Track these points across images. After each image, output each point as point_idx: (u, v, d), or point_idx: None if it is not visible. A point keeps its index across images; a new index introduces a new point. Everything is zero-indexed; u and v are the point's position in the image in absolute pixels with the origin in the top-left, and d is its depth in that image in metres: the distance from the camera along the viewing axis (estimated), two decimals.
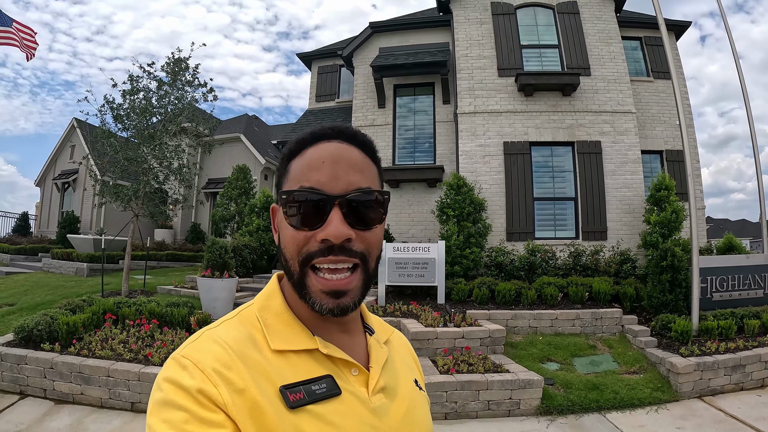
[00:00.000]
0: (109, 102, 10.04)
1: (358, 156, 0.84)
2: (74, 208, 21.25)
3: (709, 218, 13.10)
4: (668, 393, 6.33)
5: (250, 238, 13.11)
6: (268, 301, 0.87)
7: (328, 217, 0.78)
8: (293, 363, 0.78)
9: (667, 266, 8.28)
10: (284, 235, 0.82)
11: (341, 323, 0.88)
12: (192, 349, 0.75)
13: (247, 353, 0.75)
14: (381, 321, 1.05)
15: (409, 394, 0.92)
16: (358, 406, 0.79)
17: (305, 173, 0.81)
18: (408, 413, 0.87)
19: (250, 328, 0.81)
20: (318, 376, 0.78)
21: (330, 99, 15.01)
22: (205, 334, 0.79)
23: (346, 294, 0.79)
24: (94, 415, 5.48)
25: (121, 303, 7.55)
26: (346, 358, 0.83)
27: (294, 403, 0.73)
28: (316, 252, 0.78)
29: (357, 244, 0.80)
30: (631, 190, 11.13)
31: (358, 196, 0.80)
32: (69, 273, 13.55)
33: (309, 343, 0.81)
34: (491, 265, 10.31)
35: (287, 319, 0.83)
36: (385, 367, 0.90)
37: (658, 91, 12.60)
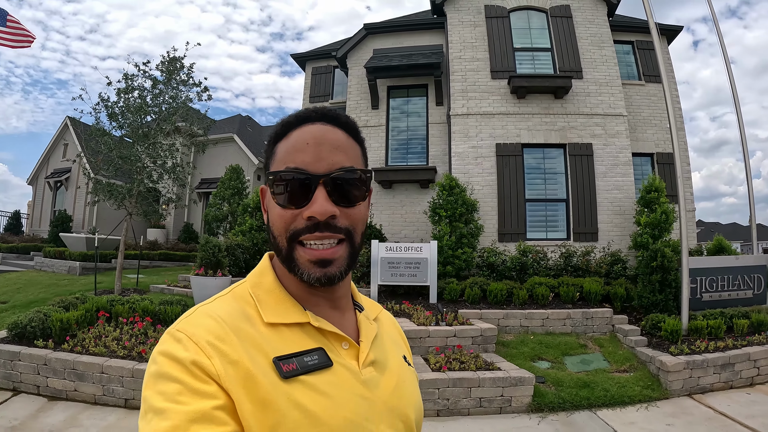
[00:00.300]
0: (104, 100, 10.03)
1: (342, 137, 0.87)
2: (67, 206, 21.23)
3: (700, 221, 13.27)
4: (658, 391, 6.39)
5: (243, 238, 13.09)
6: (260, 278, 0.90)
7: (313, 196, 0.81)
8: (285, 336, 0.81)
9: (657, 267, 8.37)
10: (272, 214, 0.86)
11: (331, 299, 0.91)
12: (186, 323, 0.78)
13: (241, 327, 0.78)
14: (370, 300, 1.08)
15: (398, 368, 0.95)
16: (349, 377, 0.82)
17: (291, 154, 0.84)
18: (398, 387, 0.90)
19: (242, 303, 0.84)
20: (309, 348, 0.81)
21: (324, 100, 15.03)
22: (199, 309, 0.81)
23: (332, 263, 0.82)
24: (88, 411, 5.46)
25: (115, 301, 7.52)
26: (337, 332, 0.86)
27: (287, 374, 0.75)
28: (303, 229, 0.82)
29: (342, 221, 0.83)
30: (622, 192, 11.23)
31: (341, 174, 0.83)
32: (61, 272, 13.50)
33: (300, 316, 0.84)
34: (483, 265, 10.36)
35: (279, 295, 0.87)
36: (375, 342, 0.93)
37: (650, 95, 12.72)
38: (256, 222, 13.89)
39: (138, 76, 10.28)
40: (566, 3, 12.44)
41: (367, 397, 0.82)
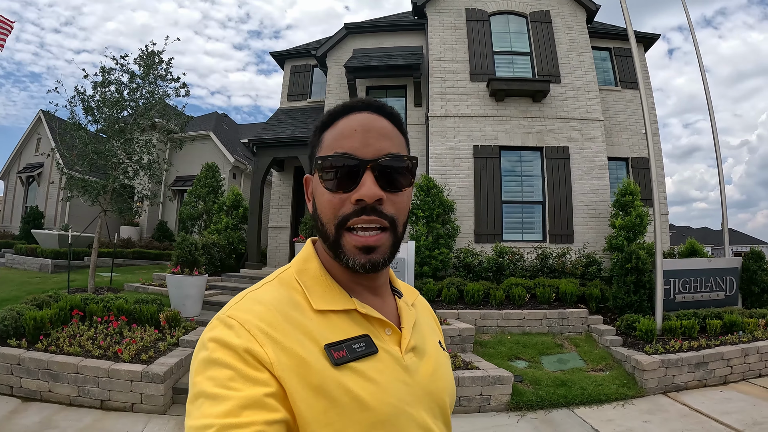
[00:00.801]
0: (80, 93, 9.82)
1: (387, 125, 0.89)
2: (39, 202, 20.81)
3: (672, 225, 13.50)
4: (634, 389, 6.47)
5: (218, 237, 12.96)
6: (306, 264, 0.91)
7: (361, 180, 0.83)
8: (333, 323, 0.83)
9: (631, 268, 8.48)
10: (320, 201, 0.87)
11: (373, 287, 0.93)
12: (237, 309, 0.79)
13: (290, 313, 0.80)
14: (407, 285, 1.10)
15: (435, 353, 0.97)
16: (393, 363, 0.84)
17: (339, 141, 0.86)
18: (435, 371, 0.92)
19: (290, 289, 0.86)
20: (357, 336, 0.83)
21: (302, 99, 14.94)
22: (248, 295, 0.83)
23: (376, 250, 0.83)
24: (64, 412, 5.31)
25: (89, 299, 7.34)
26: (382, 318, 0.88)
27: (338, 360, 0.77)
28: (351, 213, 0.83)
29: (387, 207, 0.84)
30: (598, 195, 11.37)
31: (388, 160, 0.85)
32: (33, 269, 13.24)
33: (347, 303, 0.86)
34: (460, 266, 10.39)
35: (325, 281, 0.88)
36: (415, 328, 0.95)
37: (626, 101, 12.92)
38: (232, 221, 13.77)
39: (115, 69, 10.09)
40: (546, 9, 12.58)
41: (408, 383, 0.85)
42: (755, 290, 9.03)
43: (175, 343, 6.65)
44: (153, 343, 6.47)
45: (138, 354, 5.98)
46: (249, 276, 11.32)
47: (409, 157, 0.89)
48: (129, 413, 5.40)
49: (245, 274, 11.59)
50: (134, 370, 5.51)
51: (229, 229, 13.60)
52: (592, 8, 12.57)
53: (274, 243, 14.17)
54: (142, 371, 5.51)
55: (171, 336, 6.77)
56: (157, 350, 6.23)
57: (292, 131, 13.23)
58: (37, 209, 19.30)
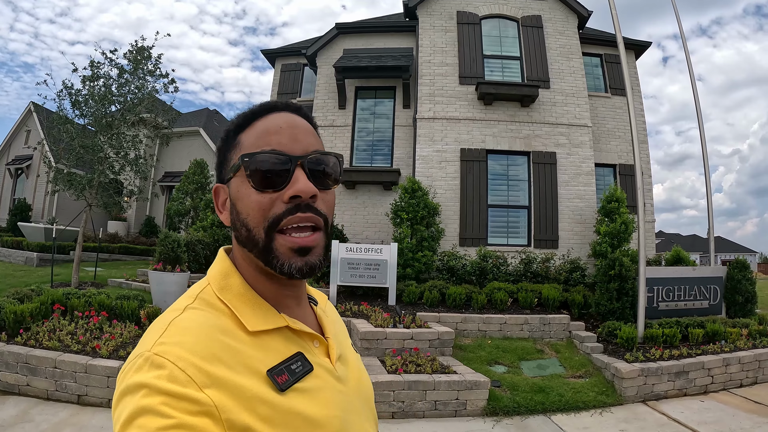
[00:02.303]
0: (68, 87, 9.73)
1: (309, 125, 0.86)
2: (26, 195, 20.70)
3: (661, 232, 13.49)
4: (613, 397, 6.41)
5: (204, 234, 12.82)
6: (226, 280, 0.82)
7: (293, 176, 0.78)
8: (266, 344, 0.77)
9: (615, 275, 8.45)
10: (246, 204, 0.80)
11: (297, 296, 0.88)
12: (164, 343, 0.68)
13: (223, 340, 0.71)
14: (315, 290, 1.03)
15: (354, 358, 0.96)
16: (328, 377, 0.81)
17: (263, 138, 0.81)
18: (359, 377, 0.93)
19: (216, 311, 0.77)
20: (291, 355, 0.78)
21: (292, 97, 14.80)
22: (172, 323, 0.72)
23: (311, 251, 0.79)
24: (41, 406, 5.29)
25: (71, 294, 7.33)
26: (311, 332, 0.84)
27: (283, 386, 0.72)
28: (284, 212, 0.77)
29: (320, 205, 0.80)
30: (584, 201, 11.34)
31: (318, 157, 0.81)
32: (18, 262, 13.15)
33: (278, 320, 0.80)
34: (443, 268, 10.32)
35: (251, 299, 0.81)
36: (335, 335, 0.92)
37: (615, 107, 12.92)
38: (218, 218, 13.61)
39: (104, 64, 10.00)
40: (537, 13, 12.57)
41: (344, 392, 0.83)
42: (739, 299, 9.01)
43: None
44: (132, 339, 6.44)
45: (117, 350, 5.99)
46: None
47: (336, 154, 0.85)
48: (105, 409, 5.38)
49: None
50: (112, 365, 5.50)
51: (215, 227, 13.46)
52: (584, 14, 12.57)
53: None
54: (119, 367, 5.39)
55: None
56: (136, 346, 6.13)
57: None
58: (25, 202, 19.22)
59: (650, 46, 13.85)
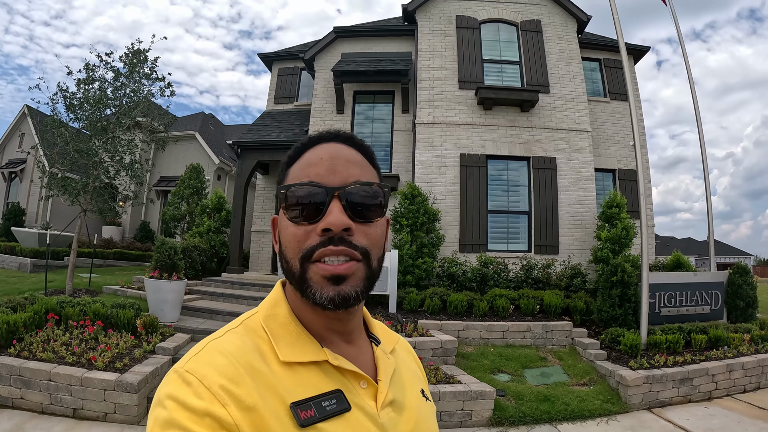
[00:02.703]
0: (63, 90, 9.63)
1: (356, 154, 0.84)
2: (20, 199, 20.48)
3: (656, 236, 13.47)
4: (618, 405, 6.40)
5: (200, 240, 12.77)
6: (274, 309, 0.84)
7: (328, 209, 0.76)
8: (301, 376, 0.76)
9: (617, 281, 8.42)
10: (284, 236, 0.81)
11: (345, 333, 0.85)
12: (196, 362, 0.71)
13: (255, 365, 0.73)
14: (385, 328, 1.02)
15: (417, 406, 0.89)
16: (366, 422, 0.77)
17: (303, 170, 0.81)
18: (416, 427, 0.85)
19: (255, 338, 0.78)
20: (328, 391, 0.76)
21: (289, 102, 14.78)
22: (209, 344, 0.75)
23: (346, 280, 0.76)
24: (35, 420, 5.18)
25: (65, 302, 7.17)
26: (356, 371, 0.81)
27: (305, 422, 0.70)
28: (317, 245, 0.76)
29: (358, 238, 0.77)
30: (584, 207, 11.33)
31: (356, 188, 0.79)
32: (12, 268, 13.04)
33: (318, 354, 0.79)
34: (443, 275, 10.27)
35: (294, 330, 0.81)
36: (393, 378, 0.88)
37: (614, 112, 12.93)
38: (214, 224, 13.59)
39: (99, 67, 9.91)
40: (537, 18, 12.57)
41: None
42: (740, 304, 9.03)
43: (151, 350, 6.50)
44: (129, 350, 6.32)
45: (113, 361, 5.84)
46: (230, 281, 11.13)
47: (380, 184, 0.82)
48: (102, 423, 5.27)
49: (226, 279, 11.40)
50: (108, 378, 5.38)
51: (212, 232, 13.42)
52: (583, 19, 12.58)
53: (257, 247, 13.99)
54: (115, 380, 5.36)
55: (147, 343, 6.62)
56: (133, 358, 6.07)
57: (277, 134, 13.09)
58: (19, 206, 19.03)
59: (649, 50, 13.88)
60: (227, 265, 12.74)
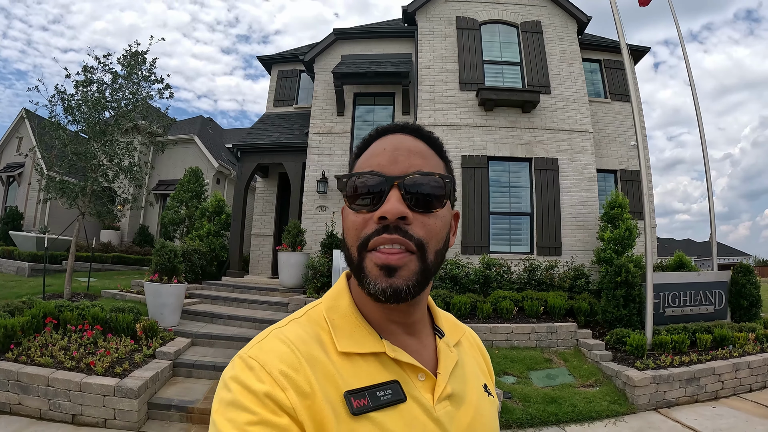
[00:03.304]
0: (61, 92, 9.57)
1: (422, 145, 0.85)
2: (18, 203, 20.41)
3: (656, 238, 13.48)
4: (625, 405, 6.34)
5: (200, 243, 12.70)
6: (336, 300, 0.86)
7: (386, 197, 0.77)
8: (359, 366, 0.78)
9: (621, 282, 8.37)
10: (345, 224, 0.82)
11: (407, 324, 0.86)
12: (259, 349, 0.75)
13: (314, 354, 0.75)
14: (453, 320, 1.02)
15: (477, 401, 0.89)
16: (421, 414, 0.77)
17: (367, 161, 0.83)
18: (473, 422, 0.85)
19: (317, 328, 0.81)
20: (384, 382, 0.77)
21: (288, 104, 14.72)
22: (272, 333, 0.79)
23: (397, 271, 0.75)
24: (33, 427, 5.10)
25: (63, 306, 7.07)
26: (414, 363, 0.81)
27: (357, 410, 0.72)
28: (373, 233, 0.77)
29: (415, 229, 0.77)
30: (586, 207, 11.29)
31: (416, 177, 0.79)
32: (9, 272, 12.95)
33: (376, 345, 0.80)
34: (446, 277, 10.20)
35: (354, 320, 0.83)
36: (454, 372, 0.88)
37: (615, 113, 12.90)
38: (214, 227, 13.53)
39: (98, 69, 9.85)
40: (537, 19, 12.55)
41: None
42: (744, 304, 8.99)
43: (151, 355, 6.42)
44: (128, 354, 6.24)
45: (112, 366, 5.76)
46: (230, 284, 11.06)
47: (442, 175, 0.81)
48: (101, 429, 5.21)
49: (227, 282, 11.33)
50: (107, 384, 5.31)
51: (211, 236, 13.36)
52: (583, 20, 12.56)
53: (257, 251, 13.91)
54: (115, 385, 5.29)
55: (147, 347, 6.54)
56: (133, 362, 6.00)
57: (277, 137, 13.04)
58: (17, 210, 18.94)
59: (648, 51, 13.86)
60: (227, 269, 12.68)
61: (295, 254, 10.64)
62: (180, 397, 5.81)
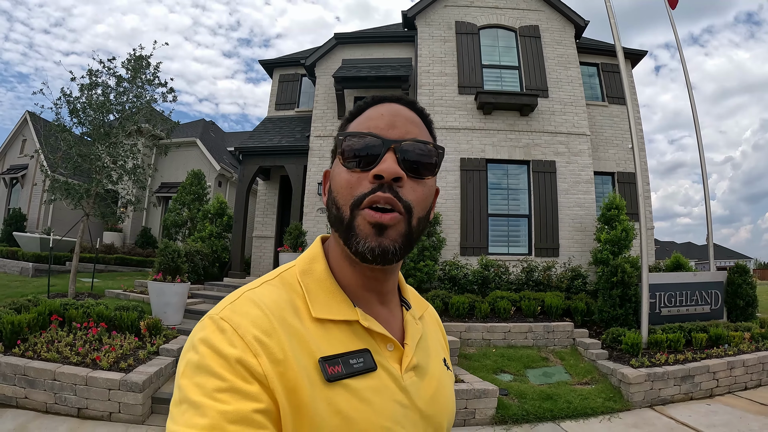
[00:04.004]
0: (66, 95, 9.71)
1: (416, 116, 0.87)
2: (22, 205, 20.52)
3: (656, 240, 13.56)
4: (620, 403, 6.43)
5: (202, 244, 12.82)
6: (311, 264, 0.86)
7: (382, 158, 0.79)
8: (332, 334, 0.77)
9: (617, 282, 8.48)
10: (337, 182, 0.83)
11: (381, 293, 0.87)
12: (231, 310, 0.73)
13: (287, 319, 0.74)
14: (417, 294, 1.04)
15: (438, 373, 0.91)
16: (390, 383, 0.79)
17: (363, 123, 0.84)
18: (436, 393, 0.87)
19: (291, 292, 0.80)
20: (356, 350, 0.78)
21: (290, 108, 14.86)
22: (245, 294, 0.77)
23: (387, 230, 0.77)
24: (40, 420, 5.17)
25: (68, 305, 7.16)
26: (384, 333, 0.82)
27: (332, 377, 0.72)
28: (368, 191, 0.78)
29: (406, 192, 0.79)
30: (584, 209, 11.40)
31: (412, 144, 0.81)
32: (14, 272, 13.03)
33: (350, 314, 0.80)
34: (445, 278, 10.32)
35: (329, 287, 0.82)
36: (419, 344, 0.89)
37: (612, 116, 13.01)
38: (216, 229, 13.65)
39: (102, 72, 9.99)
40: (535, 23, 12.68)
41: (405, 404, 0.80)
42: (740, 303, 9.08)
43: (155, 352, 6.52)
44: (133, 351, 6.33)
45: (117, 362, 5.84)
46: (232, 285, 11.18)
47: (436, 145, 0.85)
48: (106, 422, 5.27)
49: (228, 283, 11.45)
50: (112, 378, 5.38)
51: (213, 237, 13.48)
52: (580, 24, 12.70)
53: (258, 252, 14.03)
54: (120, 380, 5.38)
55: (151, 344, 6.64)
56: (137, 358, 6.09)
57: (278, 140, 13.17)
58: (20, 211, 19.07)
59: (646, 54, 13.97)
60: (229, 270, 12.80)
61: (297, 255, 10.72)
62: None
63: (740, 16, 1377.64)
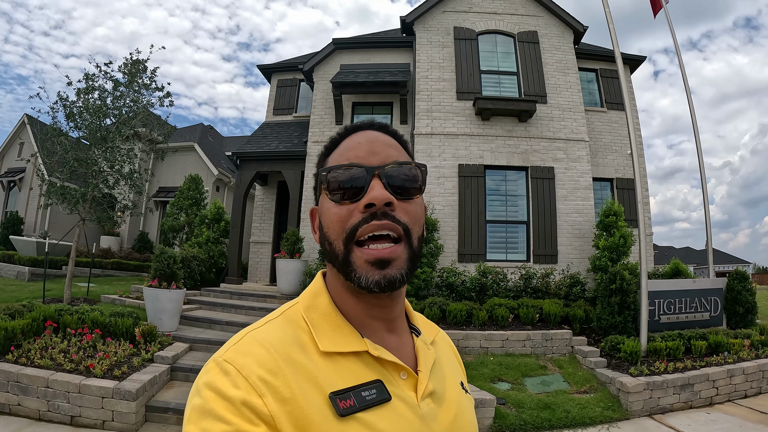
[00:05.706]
0: (63, 99, 9.67)
1: (392, 139, 0.88)
2: (19, 208, 20.48)
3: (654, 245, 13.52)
4: (619, 411, 6.38)
5: (199, 250, 12.75)
6: (315, 300, 0.85)
7: (369, 186, 0.79)
8: (341, 366, 0.77)
9: (616, 289, 8.43)
10: (326, 218, 0.82)
11: (388, 321, 0.86)
12: (235, 351, 0.73)
13: (294, 356, 0.74)
14: (426, 320, 1.04)
15: (456, 398, 0.90)
16: (407, 412, 0.77)
17: (343, 155, 0.84)
18: (456, 419, 0.85)
19: (296, 328, 0.80)
20: (368, 381, 0.76)
21: (288, 113, 14.83)
22: (248, 335, 0.77)
23: (391, 263, 0.77)
24: (33, 427, 5.14)
25: (63, 310, 7.13)
26: (396, 361, 0.81)
27: (344, 411, 0.70)
28: (360, 221, 0.78)
29: (399, 215, 0.79)
30: (582, 216, 11.36)
31: (395, 167, 0.81)
32: (9, 276, 13.02)
33: (358, 344, 0.80)
34: (442, 285, 10.26)
35: (335, 320, 0.82)
36: (433, 370, 0.88)
37: (611, 122, 12.99)
38: (213, 234, 13.59)
39: (99, 76, 9.96)
40: (534, 29, 12.67)
41: None
42: (739, 310, 9.03)
43: (150, 359, 6.47)
44: (127, 358, 6.29)
45: (111, 369, 5.81)
46: (229, 291, 11.11)
47: (417, 164, 0.85)
48: (99, 431, 5.24)
49: (225, 289, 11.38)
50: (106, 386, 5.35)
51: (210, 243, 13.42)
52: (579, 29, 12.69)
53: (256, 258, 13.97)
54: (114, 387, 5.33)
55: (146, 351, 6.59)
56: (131, 366, 6.05)
57: (276, 145, 13.13)
58: (17, 215, 19.01)
59: (645, 60, 13.97)
60: (226, 276, 12.73)
61: (294, 261, 10.69)
62: (177, 400, 5.85)
63: (739, 21, 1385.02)
